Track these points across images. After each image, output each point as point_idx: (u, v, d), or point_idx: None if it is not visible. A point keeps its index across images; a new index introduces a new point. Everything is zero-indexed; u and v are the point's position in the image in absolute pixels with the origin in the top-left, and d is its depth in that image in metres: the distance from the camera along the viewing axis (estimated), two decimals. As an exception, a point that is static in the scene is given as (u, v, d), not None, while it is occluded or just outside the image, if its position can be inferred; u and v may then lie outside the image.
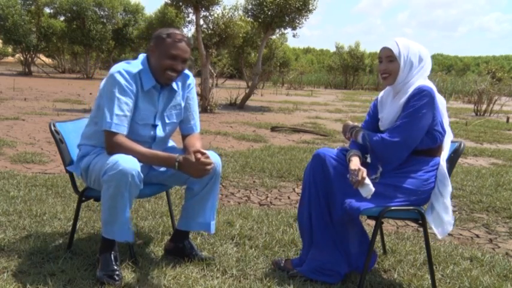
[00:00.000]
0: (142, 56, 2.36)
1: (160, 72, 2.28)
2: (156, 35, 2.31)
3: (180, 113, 2.48)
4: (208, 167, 2.14)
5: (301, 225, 2.36)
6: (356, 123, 2.39)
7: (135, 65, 2.30)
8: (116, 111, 2.19)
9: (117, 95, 2.20)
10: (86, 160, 2.33)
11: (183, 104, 2.48)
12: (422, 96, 2.11)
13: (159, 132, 2.40)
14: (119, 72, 2.23)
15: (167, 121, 2.43)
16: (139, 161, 2.14)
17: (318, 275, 2.25)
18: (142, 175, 2.13)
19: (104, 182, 2.10)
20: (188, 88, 2.49)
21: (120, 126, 2.19)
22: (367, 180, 2.08)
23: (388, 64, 2.23)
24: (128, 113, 2.23)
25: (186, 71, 2.47)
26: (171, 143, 2.61)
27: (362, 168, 2.10)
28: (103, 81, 2.29)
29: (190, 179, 2.36)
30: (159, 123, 2.39)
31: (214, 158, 2.35)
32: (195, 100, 2.55)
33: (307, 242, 2.33)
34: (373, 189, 2.07)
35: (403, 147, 2.16)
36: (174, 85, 2.41)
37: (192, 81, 2.51)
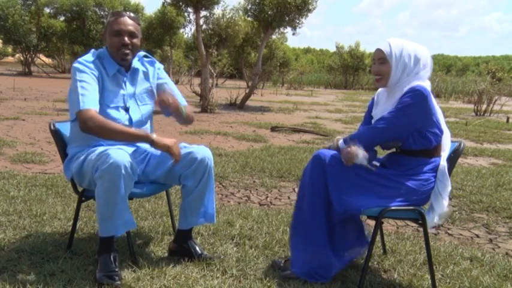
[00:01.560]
0: (102, 48, 2.44)
1: (114, 52, 2.36)
2: (105, 23, 2.42)
3: (152, 94, 2.53)
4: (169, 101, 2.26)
5: (296, 225, 2.34)
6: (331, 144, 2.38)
7: (93, 53, 2.39)
8: (81, 91, 2.22)
9: (78, 78, 2.25)
10: (76, 163, 2.33)
11: (154, 86, 2.54)
12: (413, 96, 2.10)
13: (134, 114, 2.42)
14: (77, 61, 2.32)
15: (139, 103, 2.47)
16: (115, 137, 2.19)
17: (310, 277, 2.24)
18: (135, 166, 2.16)
19: (97, 179, 2.11)
20: (158, 71, 2.56)
21: (86, 102, 2.20)
22: (356, 149, 2.09)
23: (379, 66, 2.23)
24: (94, 92, 2.26)
25: (153, 59, 2.56)
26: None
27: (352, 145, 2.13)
28: None
29: (183, 175, 2.37)
30: (130, 105, 2.43)
31: (204, 152, 2.39)
32: (169, 80, 2.61)
33: (301, 242, 2.31)
34: (365, 153, 2.09)
35: (385, 133, 2.17)
36: (141, 67, 2.48)
37: (160, 65, 2.59)
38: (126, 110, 2.41)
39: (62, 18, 27.65)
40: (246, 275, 2.30)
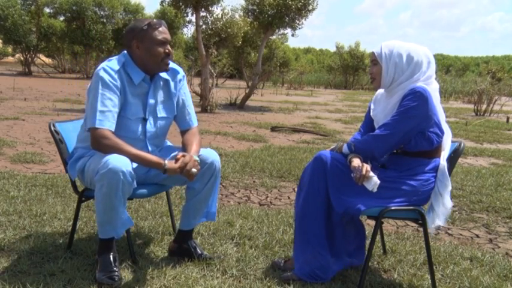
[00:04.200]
0: (123, 53, 2.35)
1: (158, 62, 2.29)
2: (134, 31, 2.29)
3: (172, 107, 2.46)
4: (193, 170, 2.15)
5: (296, 225, 2.33)
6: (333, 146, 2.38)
7: (118, 60, 2.30)
8: (100, 107, 2.17)
9: (101, 91, 2.19)
10: (81, 162, 2.33)
11: (175, 99, 2.47)
12: (414, 98, 2.10)
13: (149, 127, 2.38)
14: (103, 68, 2.24)
15: (158, 115, 2.41)
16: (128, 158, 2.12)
17: (309, 277, 2.24)
18: (133, 173, 2.12)
19: (96, 182, 2.09)
20: (180, 83, 2.49)
21: (104, 122, 2.17)
22: (371, 173, 2.08)
23: (372, 67, 2.27)
24: (113, 109, 2.21)
25: (176, 66, 2.48)
26: (168, 143, 2.59)
27: (365, 164, 2.11)
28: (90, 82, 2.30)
29: None
30: (149, 117, 2.38)
31: (212, 155, 2.37)
32: (188, 95, 2.53)
33: (300, 242, 2.31)
34: (378, 181, 2.07)
35: (390, 140, 2.15)
36: (163, 76, 2.41)
37: (183, 76, 2.51)
38: (144, 121, 2.36)
39: (62, 18, 27.66)
40: (246, 275, 2.30)
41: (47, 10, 27.91)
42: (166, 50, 2.30)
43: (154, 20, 2.31)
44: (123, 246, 2.52)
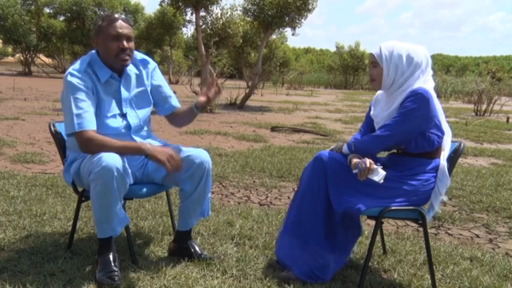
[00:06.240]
0: (89, 53, 2.36)
1: (113, 57, 2.28)
2: (94, 28, 2.31)
3: (147, 97, 2.47)
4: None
5: (294, 224, 2.33)
6: (333, 146, 2.38)
7: (83, 61, 2.29)
8: (75, 111, 2.17)
9: (72, 95, 2.19)
10: (74, 165, 2.33)
11: (149, 89, 2.48)
12: (415, 99, 2.10)
13: (132, 120, 2.38)
14: (69, 73, 2.23)
15: (136, 107, 2.42)
16: (116, 153, 2.12)
17: (308, 277, 2.24)
18: (128, 169, 2.13)
19: (91, 182, 2.10)
20: (152, 72, 2.50)
21: (82, 123, 2.16)
22: (375, 165, 2.09)
23: (372, 69, 2.26)
24: (89, 109, 2.21)
25: (146, 57, 2.48)
26: (153, 135, 2.57)
27: (367, 158, 2.12)
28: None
29: (180, 179, 2.34)
30: (127, 111, 2.38)
31: (202, 156, 2.36)
32: (163, 81, 2.55)
33: (299, 242, 2.30)
34: (384, 172, 2.07)
35: (391, 141, 2.17)
36: (133, 70, 2.41)
37: (155, 66, 2.52)
38: (123, 116, 2.36)
39: (62, 18, 27.69)
40: (246, 275, 2.30)
41: (47, 10, 27.95)
42: (121, 45, 2.26)
43: (112, 15, 2.30)
44: (123, 246, 2.52)
